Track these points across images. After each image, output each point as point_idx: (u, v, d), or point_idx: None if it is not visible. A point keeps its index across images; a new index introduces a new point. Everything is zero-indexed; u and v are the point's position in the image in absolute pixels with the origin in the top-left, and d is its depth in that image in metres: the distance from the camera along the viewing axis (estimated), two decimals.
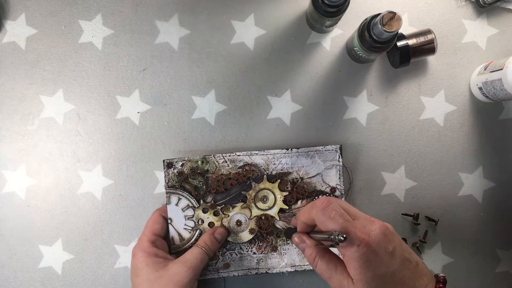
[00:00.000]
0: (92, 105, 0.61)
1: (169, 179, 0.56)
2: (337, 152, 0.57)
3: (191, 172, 0.56)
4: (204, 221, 0.57)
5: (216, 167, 0.56)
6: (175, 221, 0.56)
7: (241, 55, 0.61)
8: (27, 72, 0.61)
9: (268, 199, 0.57)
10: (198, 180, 0.56)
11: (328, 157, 0.57)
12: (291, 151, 0.57)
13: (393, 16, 0.48)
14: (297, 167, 0.57)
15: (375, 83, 0.61)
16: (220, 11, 0.61)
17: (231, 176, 0.56)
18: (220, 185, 0.56)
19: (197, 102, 0.61)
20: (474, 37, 0.61)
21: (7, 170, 0.61)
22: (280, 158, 0.57)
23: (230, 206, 0.57)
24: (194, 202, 0.56)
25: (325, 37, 0.61)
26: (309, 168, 0.57)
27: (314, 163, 0.57)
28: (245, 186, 0.57)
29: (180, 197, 0.56)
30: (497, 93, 0.55)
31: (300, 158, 0.56)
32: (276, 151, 0.57)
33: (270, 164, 0.57)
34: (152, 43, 0.61)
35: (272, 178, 0.57)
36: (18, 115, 0.61)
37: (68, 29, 0.61)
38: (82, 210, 0.61)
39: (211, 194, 0.57)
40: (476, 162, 0.61)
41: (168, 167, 0.56)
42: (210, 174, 0.56)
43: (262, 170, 0.57)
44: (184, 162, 0.56)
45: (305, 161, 0.56)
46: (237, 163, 0.57)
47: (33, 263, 0.61)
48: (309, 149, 0.57)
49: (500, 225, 0.61)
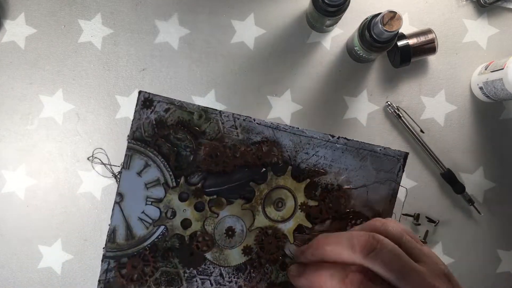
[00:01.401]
0: (91, 105, 0.61)
1: (138, 126, 0.36)
2: (398, 162, 0.39)
3: (177, 126, 0.36)
4: (177, 215, 0.35)
5: (219, 131, 0.36)
6: (128, 201, 0.36)
7: (241, 54, 0.61)
8: (26, 71, 0.61)
9: (285, 205, 0.37)
10: (184, 144, 0.36)
11: (384, 165, 0.38)
12: (337, 141, 0.37)
13: (393, 16, 0.48)
14: (338, 167, 0.37)
15: (376, 83, 0.61)
16: (220, 11, 0.61)
17: (239, 152, 0.36)
18: (219, 161, 0.36)
19: (197, 102, 0.61)
20: (475, 36, 0.61)
21: (7, 170, 0.61)
22: (317, 146, 0.37)
23: (225, 201, 0.36)
24: (169, 178, 0.35)
25: (325, 36, 0.61)
26: (354, 174, 0.38)
27: (364, 169, 0.38)
28: (257, 175, 0.36)
29: (148, 163, 0.35)
30: (498, 93, 0.55)
31: (346, 155, 0.37)
32: (314, 134, 0.37)
33: (300, 152, 0.37)
34: (152, 43, 0.61)
35: (299, 173, 0.37)
36: (17, 115, 0.61)
37: (68, 29, 0.61)
38: (81, 210, 0.60)
39: (200, 172, 0.36)
40: (477, 162, 0.61)
41: (143, 105, 0.36)
42: (207, 139, 0.36)
43: (286, 157, 0.37)
44: (170, 107, 0.36)
45: (352, 162, 0.38)
46: (253, 135, 0.37)
47: (32, 263, 0.60)
48: (363, 145, 0.38)
49: (501, 226, 0.61)
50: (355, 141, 0.38)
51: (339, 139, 0.38)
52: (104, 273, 0.34)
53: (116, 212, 0.36)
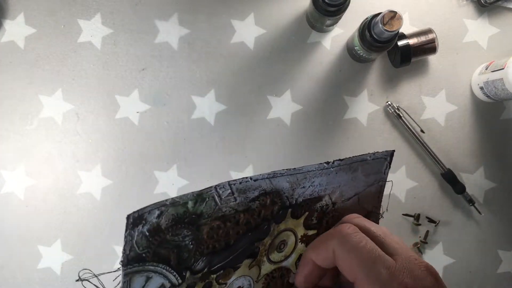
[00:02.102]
0: (91, 105, 0.61)
1: (131, 246, 0.31)
2: (386, 160, 0.37)
3: (172, 226, 0.32)
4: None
5: (216, 207, 0.32)
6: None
7: (241, 54, 0.61)
8: (26, 71, 0.61)
9: (287, 244, 0.35)
10: (182, 236, 0.32)
11: (373, 168, 0.37)
12: (331, 165, 0.35)
13: (394, 16, 0.48)
14: (332, 187, 0.36)
15: (376, 83, 0.61)
16: (220, 11, 0.61)
17: (240, 220, 0.33)
18: (220, 238, 0.33)
19: (197, 102, 0.61)
20: (475, 36, 0.61)
21: (6, 170, 0.60)
22: (313, 177, 0.35)
23: (232, 269, 0.34)
24: (174, 278, 0.33)
25: (325, 36, 0.61)
26: (347, 187, 0.37)
27: (355, 179, 0.37)
28: (261, 233, 0.34)
29: (149, 276, 0.32)
30: (498, 93, 0.55)
31: (340, 174, 0.36)
32: (311, 167, 0.34)
33: (297, 188, 0.35)
34: (152, 43, 0.61)
35: (298, 210, 0.35)
36: (17, 115, 0.61)
37: (67, 29, 0.61)
38: (81, 211, 0.60)
39: (203, 256, 0.33)
40: (477, 162, 0.61)
41: (134, 225, 0.31)
42: (205, 220, 0.32)
43: (284, 200, 0.34)
44: (163, 210, 0.31)
45: (344, 178, 0.36)
46: (250, 193, 0.33)
47: (32, 263, 0.60)
48: (354, 159, 0.36)
49: (501, 226, 0.61)
50: (347, 158, 0.36)
51: (334, 163, 0.35)
52: None
53: None
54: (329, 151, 0.60)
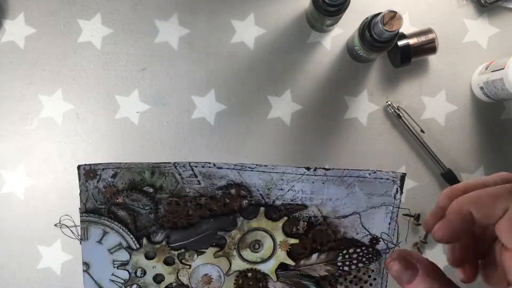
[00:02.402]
0: (91, 105, 0.61)
1: (87, 197, 0.35)
2: (395, 184, 0.37)
3: (130, 189, 0.35)
4: (147, 273, 0.35)
5: (177, 184, 0.35)
6: (95, 268, 0.35)
7: (241, 54, 0.61)
8: (26, 71, 0.61)
9: (263, 246, 0.36)
10: (142, 203, 0.35)
11: (377, 189, 0.36)
12: (314, 173, 0.35)
13: (394, 15, 0.48)
14: (320, 199, 0.36)
15: (376, 83, 0.61)
16: (220, 11, 0.61)
17: (203, 201, 0.35)
18: (181, 215, 0.35)
19: (197, 102, 0.61)
20: (475, 36, 0.61)
21: (6, 170, 0.60)
22: (292, 181, 0.35)
23: (195, 252, 0.35)
24: (131, 241, 0.35)
25: (325, 36, 0.61)
26: (341, 202, 0.36)
27: (352, 196, 0.36)
28: (225, 223, 0.35)
29: (106, 230, 0.35)
30: (499, 93, 0.55)
31: (327, 185, 0.35)
32: (285, 169, 0.35)
33: (273, 189, 0.35)
34: (152, 43, 0.61)
35: (273, 212, 0.35)
36: (17, 114, 0.61)
37: (67, 29, 0.61)
38: None
39: (163, 229, 0.35)
40: (478, 162, 0.61)
41: (86, 177, 0.34)
42: (165, 194, 0.35)
43: (258, 197, 0.35)
44: (118, 171, 0.34)
45: (335, 191, 0.36)
46: (216, 180, 0.35)
47: (32, 263, 0.60)
48: (346, 172, 0.35)
49: None
50: (336, 170, 0.35)
51: (316, 170, 0.35)
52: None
53: (86, 279, 0.36)
54: (329, 151, 0.60)
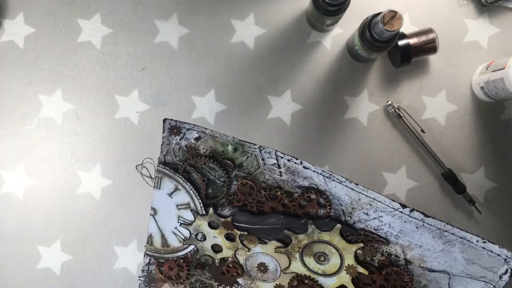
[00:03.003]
0: (91, 105, 0.61)
1: (168, 150, 0.35)
2: (506, 263, 0.33)
3: (210, 157, 0.33)
4: (207, 239, 0.35)
5: (258, 167, 0.33)
6: (161, 216, 0.36)
7: (241, 54, 0.61)
8: (25, 71, 0.61)
9: (328, 261, 0.33)
10: (217, 174, 0.33)
11: (481, 260, 0.33)
12: (410, 213, 0.32)
13: (394, 15, 0.48)
14: (408, 241, 0.33)
15: (376, 83, 0.61)
16: (220, 10, 0.61)
17: (279, 194, 0.33)
18: (253, 200, 0.33)
19: (197, 102, 0.61)
20: (476, 36, 0.61)
21: (6, 170, 0.60)
22: (381, 211, 0.32)
23: (258, 240, 0.34)
24: (199, 206, 0.35)
25: (325, 36, 0.61)
26: (432, 254, 0.33)
27: (447, 254, 0.33)
28: (296, 225, 0.33)
29: (178, 187, 0.35)
30: (499, 93, 0.55)
31: (421, 231, 0.33)
32: (379, 197, 0.32)
33: (357, 210, 0.32)
34: (152, 43, 0.61)
35: (351, 233, 0.33)
36: (16, 114, 0.61)
37: (67, 28, 0.61)
38: (81, 211, 0.60)
39: (231, 206, 0.34)
40: (478, 162, 0.60)
41: (171, 132, 0.34)
42: (242, 172, 0.33)
43: (338, 211, 0.33)
44: (202, 136, 0.33)
45: (430, 242, 0.33)
46: (299, 178, 0.32)
47: (31, 264, 0.60)
48: (449, 228, 0.33)
49: (502, 226, 0.60)
50: (437, 221, 0.33)
51: (413, 212, 0.32)
52: (146, 265, 0.37)
53: (151, 222, 0.36)
54: (329, 151, 0.60)
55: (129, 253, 0.60)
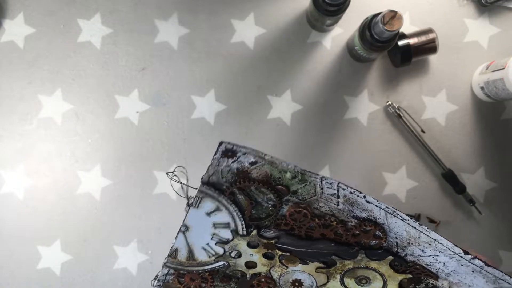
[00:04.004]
0: (90, 105, 0.61)
1: (215, 172, 0.33)
2: None
3: (262, 182, 0.32)
4: (242, 256, 0.34)
5: (314, 195, 0.31)
6: (193, 233, 0.34)
7: (241, 54, 0.61)
8: (25, 71, 0.61)
9: (370, 284, 0.34)
10: (267, 197, 0.32)
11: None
12: (471, 260, 0.32)
13: (394, 15, 0.48)
14: (458, 280, 0.33)
15: (376, 83, 0.61)
16: (220, 10, 0.61)
17: (333, 223, 0.32)
18: (303, 225, 0.32)
19: (197, 102, 0.61)
20: (476, 36, 0.61)
21: (5, 170, 0.60)
22: (440, 252, 0.32)
23: (299, 260, 0.33)
24: (240, 226, 0.33)
25: (325, 36, 0.61)
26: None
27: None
28: (345, 253, 0.32)
29: (220, 208, 0.33)
30: (499, 93, 0.55)
31: (476, 275, 0.32)
32: (442, 240, 0.31)
33: (413, 245, 0.32)
34: (152, 42, 0.61)
35: (400, 263, 0.33)
36: (16, 114, 0.61)
37: (67, 28, 0.61)
38: (80, 211, 0.60)
39: (277, 228, 0.33)
40: (478, 162, 0.60)
41: (224, 155, 0.32)
42: (295, 198, 0.32)
43: (391, 243, 0.32)
44: (259, 161, 0.31)
45: (481, 284, 0.33)
46: (357, 210, 0.31)
47: (31, 264, 0.60)
48: (505, 277, 0.32)
49: (502, 226, 0.60)
50: (495, 270, 0.32)
51: (475, 260, 0.32)
52: (164, 275, 0.36)
53: (179, 238, 0.35)
54: (329, 151, 0.60)
55: (129, 253, 0.60)
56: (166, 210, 0.60)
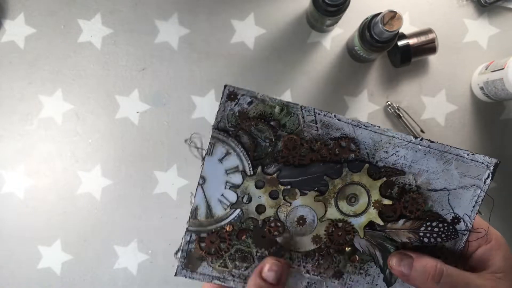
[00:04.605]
0: (91, 105, 0.61)
1: (222, 117, 0.37)
2: (488, 169, 0.40)
3: (258, 119, 0.37)
4: (252, 200, 0.38)
5: (299, 125, 0.37)
6: (209, 184, 0.38)
7: (241, 54, 0.61)
8: (26, 71, 0.61)
9: (358, 201, 0.38)
10: (264, 135, 0.37)
11: (470, 171, 0.39)
12: (420, 143, 0.37)
13: (394, 15, 0.48)
14: (418, 168, 0.38)
15: (376, 83, 0.61)
16: (220, 10, 0.61)
17: (316, 146, 0.37)
18: (296, 154, 0.37)
19: (197, 102, 0.61)
20: (475, 36, 0.61)
21: (6, 170, 0.60)
22: (398, 146, 0.37)
23: (299, 192, 0.38)
24: (247, 166, 0.38)
25: (325, 36, 0.61)
26: (435, 176, 0.38)
27: (446, 173, 0.38)
28: (332, 170, 0.37)
29: (229, 151, 0.38)
30: (498, 93, 0.55)
31: (428, 157, 0.38)
32: (396, 134, 0.37)
33: (379, 150, 0.37)
34: (152, 43, 0.61)
35: (375, 171, 0.38)
36: (16, 115, 0.61)
37: (67, 29, 0.61)
38: (81, 211, 0.60)
39: (277, 163, 0.37)
40: None
41: (228, 98, 0.37)
42: (286, 132, 0.37)
43: (364, 155, 0.38)
44: (253, 100, 0.37)
45: (434, 165, 0.38)
46: (332, 131, 0.37)
47: (32, 263, 0.60)
48: (448, 148, 0.38)
49: (502, 226, 0.60)
50: (439, 144, 0.38)
51: (423, 140, 0.37)
52: (186, 244, 0.38)
53: (199, 193, 0.38)
54: None
55: (129, 253, 0.60)
56: (166, 210, 0.60)
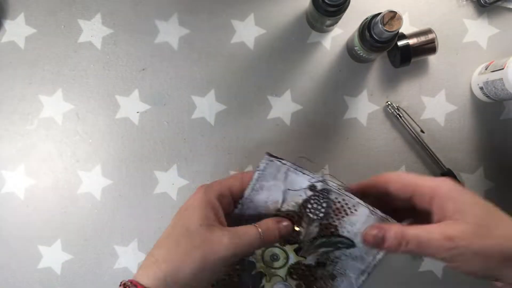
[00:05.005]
0: (91, 105, 0.61)
1: (284, 199, 0.41)
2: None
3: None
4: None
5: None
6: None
7: (241, 54, 0.61)
8: (26, 71, 0.61)
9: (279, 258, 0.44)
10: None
11: None
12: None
13: (393, 16, 0.48)
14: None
15: (376, 83, 0.61)
16: (220, 11, 0.61)
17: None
18: None
19: (197, 102, 0.61)
20: (475, 36, 0.61)
21: (6, 170, 0.61)
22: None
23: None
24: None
25: (325, 36, 0.61)
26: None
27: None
28: None
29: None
30: (498, 93, 0.55)
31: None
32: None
33: None
34: (152, 43, 0.61)
35: None
36: (17, 115, 0.61)
37: (67, 29, 0.61)
38: (81, 211, 0.60)
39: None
40: (477, 162, 0.61)
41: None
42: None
43: None
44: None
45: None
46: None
47: (32, 263, 0.60)
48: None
49: None
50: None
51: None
52: None
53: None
54: (329, 151, 0.60)
55: (129, 253, 0.60)
56: (166, 210, 0.60)
